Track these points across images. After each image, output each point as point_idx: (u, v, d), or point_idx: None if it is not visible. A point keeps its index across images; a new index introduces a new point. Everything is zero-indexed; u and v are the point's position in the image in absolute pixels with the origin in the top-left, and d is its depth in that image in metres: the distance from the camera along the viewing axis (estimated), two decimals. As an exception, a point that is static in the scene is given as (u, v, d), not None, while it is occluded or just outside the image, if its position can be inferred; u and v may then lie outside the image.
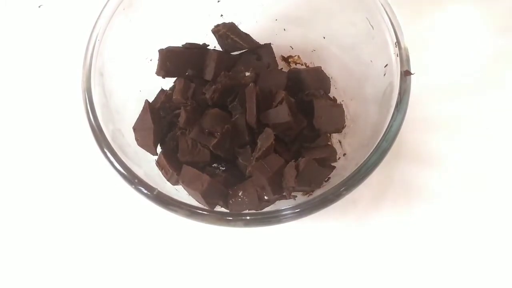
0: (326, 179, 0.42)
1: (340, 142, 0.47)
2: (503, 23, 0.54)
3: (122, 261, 0.47)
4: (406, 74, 0.39)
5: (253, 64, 0.47)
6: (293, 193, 0.40)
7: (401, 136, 0.39)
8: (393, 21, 0.40)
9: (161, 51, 0.44)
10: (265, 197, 0.40)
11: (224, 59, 0.46)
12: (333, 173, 0.42)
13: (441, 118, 0.50)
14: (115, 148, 0.39)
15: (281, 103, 0.41)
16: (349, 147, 0.45)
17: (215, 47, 0.47)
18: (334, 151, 0.43)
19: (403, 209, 0.48)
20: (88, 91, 0.40)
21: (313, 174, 0.39)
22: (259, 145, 0.40)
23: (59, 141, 0.51)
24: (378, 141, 0.38)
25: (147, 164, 0.42)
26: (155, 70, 0.44)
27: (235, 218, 0.37)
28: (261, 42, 0.47)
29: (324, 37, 0.48)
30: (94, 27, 0.42)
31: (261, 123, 0.42)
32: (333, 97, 0.47)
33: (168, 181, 0.42)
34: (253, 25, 0.48)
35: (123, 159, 0.39)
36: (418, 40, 0.49)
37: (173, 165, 0.41)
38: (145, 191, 0.38)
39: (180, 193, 0.41)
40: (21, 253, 0.48)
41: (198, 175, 0.40)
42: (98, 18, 0.42)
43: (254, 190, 0.40)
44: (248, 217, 0.37)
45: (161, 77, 0.45)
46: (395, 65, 0.40)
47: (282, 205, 0.38)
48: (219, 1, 0.47)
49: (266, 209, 0.40)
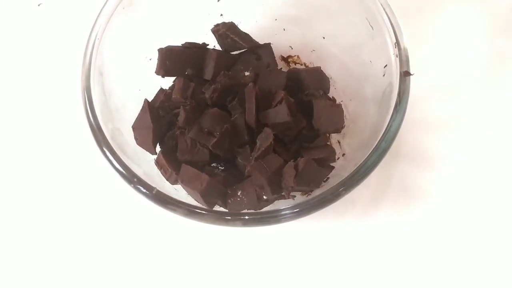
0: (325, 179, 0.42)
1: (339, 142, 0.47)
2: (503, 23, 0.54)
3: (121, 261, 0.47)
4: (405, 74, 0.39)
5: (252, 64, 0.47)
6: (292, 193, 0.40)
7: (401, 136, 0.38)
8: (392, 22, 0.40)
9: (160, 50, 0.44)
10: (264, 197, 0.40)
11: (223, 59, 0.46)
12: (332, 173, 0.42)
13: (441, 118, 0.50)
14: (114, 147, 0.39)
15: (280, 103, 0.41)
16: (348, 147, 0.45)
17: (214, 46, 0.47)
18: (333, 151, 0.43)
19: (403, 209, 0.48)
20: (87, 90, 0.40)
21: (312, 174, 0.39)
22: (258, 145, 0.40)
23: (58, 140, 0.51)
24: (377, 142, 0.38)
25: (146, 163, 0.42)
26: (155, 69, 0.44)
27: (234, 217, 0.37)
28: (261, 42, 0.47)
29: (323, 37, 0.48)
30: (93, 26, 0.42)
31: (261, 123, 0.42)
32: (333, 97, 0.46)
33: (167, 180, 0.42)
34: (253, 24, 0.48)
35: (122, 158, 0.39)
36: (418, 40, 0.49)
37: (172, 165, 0.41)
38: (144, 190, 0.38)
39: (179, 192, 0.41)
40: (18, 250, 0.48)
41: (197, 175, 0.40)
42: (97, 17, 0.42)
43: (253, 189, 0.40)
44: (246, 217, 0.37)
45: (160, 76, 0.44)
46: (394, 66, 0.40)
47: (281, 205, 0.38)
48: (219, 1, 0.47)
49: (265, 209, 0.40)
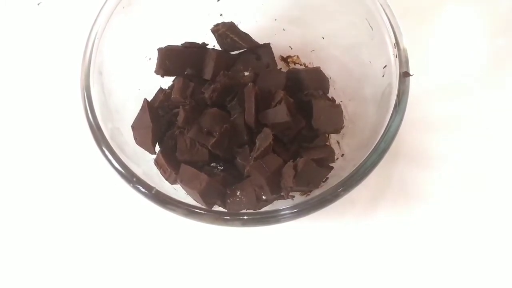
0: (324, 180, 0.42)
1: (338, 142, 0.47)
2: (503, 23, 0.54)
3: (119, 260, 0.47)
4: (405, 75, 0.39)
5: (252, 63, 0.47)
6: (291, 193, 0.40)
7: (400, 136, 0.38)
8: (392, 22, 0.40)
9: (160, 50, 0.44)
10: (263, 197, 0.40)
11: (223, 59, 0.45)
12: (331, 173, 0.42)
13: (441, 118, 0.50)
14: (113, 146, 0.39)
15: (280, 103, 0.41)
16: (348, 147, 0.45)
17: (214, 46, 0.47)
18: (332, 152, 0.43)
19: (402, 209, 0.48)
20: (87, 89, 0.40)
21: (311, 174, 0.39)
22: (257, 145, 0.40)
23: (57, 139, 0.51)
24: (376, 142, 0.38)
25: (145, 163, 0.42)
26: (154, 68, 0.44)
27: (233, 217, 0.37)
28: (261, 42, 0.47)
29: (323, 38, 0.47)
30: (93, 26, 0.41)
31: (260, 123, 0.42)
32: (332, 97, 0.46)
33: (166, 180, 0.42)
34: (253, 24, 0.48)
35: (121, 158, 0.38)
36: (417, 40, 0.49)
37: (171, 164, 0.41)
38: (143, 190, 0.38)
39: (178, 192, 0.41)
40: (17, 249, 0.48)
41: (196, 174, 0.40)
42: (97, 16, 0.42)
43: (252, 189, 0.40)
44: (246, 217, 0.37)
45: (160, 76, 0.44)
46: (394, 66, 0.39)
47: (280, 205, 0.38)
48: (218, 1, 0.47)
49: (264, 209, 0.40)
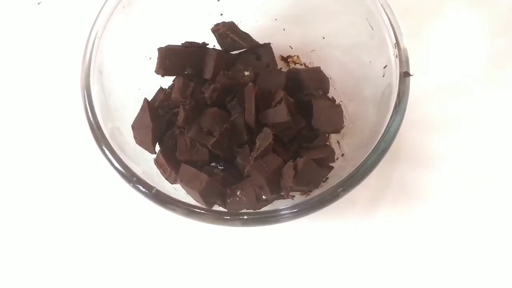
0: (324, 180, 0.42)
1: (338, 142, 0.47)
2: (503, 23, 0.54)
3: (120, 260, 0.47)
4: (405, 75, 0.39)
5: (252, 63, 0.47)
6: (291, 193, 0.40)
7: (400, 136, 0.38)
8: (392, 22, 0.40)
9: (160, 50, 0.43)
10: (263, 197, 0.40)
11: (223, 58, 0.45)
12: (331, 173, 0.42)
13: (441, 118, 0.50)
14: (113, 146, 0.39)
15: (280, 103, 0.41)
16: (348, 147, 0.45)
17: (214, 46, 0.47)
18: (332, 152, 0.43)
19: (402, 210, 0.48)
20: (87, 89, 0.40)
21: (311, 174, 0.39)
22: (257, 144, 0.40)
23: (57, 139, 0.51)
24: (376, 142, 0.38)
25: (145, 162, 0.42)
26: (154, 68, 0.44)
27: (233, 217, 0.37)
28: (261, 41, 0.47)
29: (323, 38, 0.47)
30: (93, 25, 0.41)
31: (260, 123, 0.42)
32: (332, 97, 0.46)
33: (166, 179, 0.42)
34: (253, 24, 0.48)
35: (121, 157, 0.38)
36: (418, 40, 0.49)
37: (171, 164, 0.41)
38: (143, 190, 0.38)
39: (178, 192, 0.41)
40: (17, 249, 0.48)
41: (196, 174, 0.40)
42: (97, 16, 0.42)
43: (252, 189, 0.40)
44: (245, 217, 0.37)
45: (160, 76, 0.44)
46: (394, 66, 0.39)
47: (280, 205, 0.38)
48: (219, 0, 0.47)
49: (264, 209, 0.40)
